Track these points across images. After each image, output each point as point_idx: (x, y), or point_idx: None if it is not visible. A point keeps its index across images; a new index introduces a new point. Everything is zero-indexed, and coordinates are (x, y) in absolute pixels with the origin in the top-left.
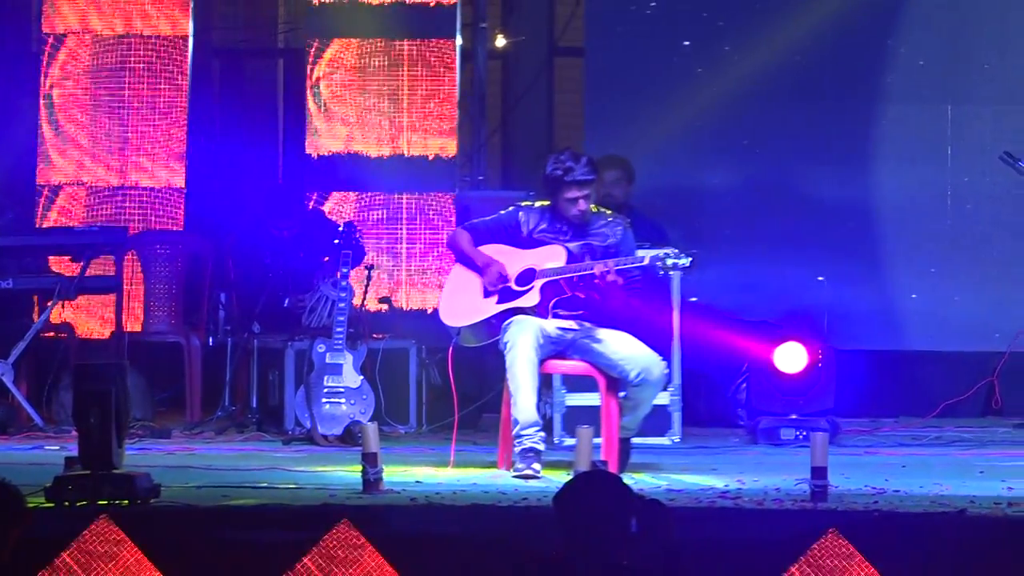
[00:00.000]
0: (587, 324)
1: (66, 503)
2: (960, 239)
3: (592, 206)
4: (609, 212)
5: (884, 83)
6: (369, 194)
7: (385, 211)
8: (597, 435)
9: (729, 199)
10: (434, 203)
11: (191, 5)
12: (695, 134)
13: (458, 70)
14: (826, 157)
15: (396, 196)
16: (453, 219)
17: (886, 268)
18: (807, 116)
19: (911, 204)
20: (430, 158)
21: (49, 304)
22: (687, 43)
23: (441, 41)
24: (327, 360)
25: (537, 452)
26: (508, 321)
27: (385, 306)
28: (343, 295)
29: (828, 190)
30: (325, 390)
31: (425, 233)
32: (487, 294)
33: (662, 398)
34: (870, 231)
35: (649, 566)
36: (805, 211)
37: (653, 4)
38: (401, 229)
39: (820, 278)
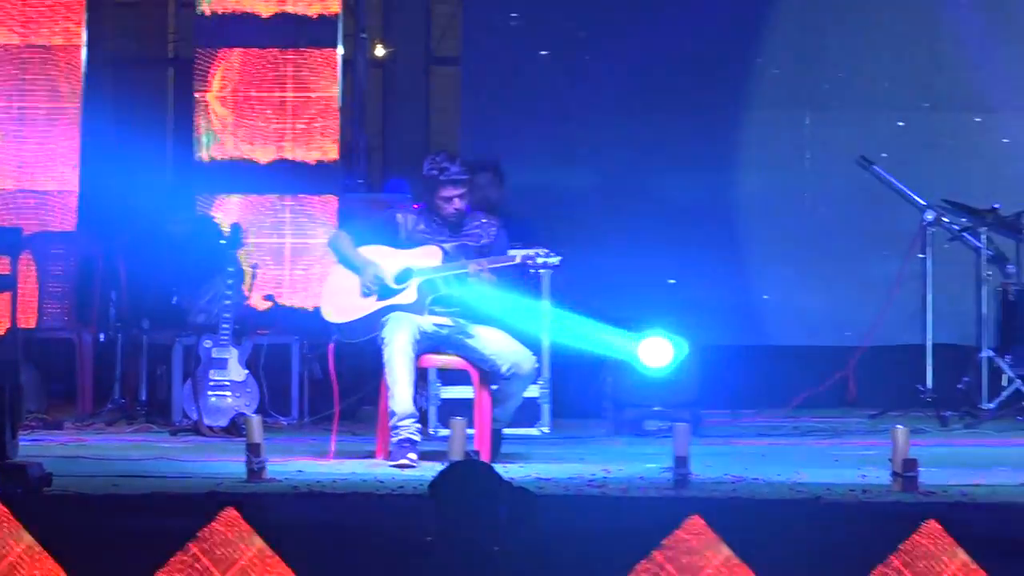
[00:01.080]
0: (461, 320)
1: None
2: (817, 239)
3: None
4: (483, 214)
5: (744, 91)
6: (255, 197)
7: (270, 213)
8: (470, 426)
9: (597, 201)
10: (316, 206)
11: (84, 16)
12: (564, 139)
13: (339, 78)
14: (689, 161)
15: (280, 199)
16: (334, 221)
17: (746, 267)
18: (671, 122)
19: (771, 206)
20: (312, 163)
21: None
22: (544, 52)
23: (323, 50)
24: (213, 355)
25: (413, 442)
26: (386, 318)
27: (269, 304)
28: (229, 293)
29: (691, 193)
30: (211, 383)
31: (308, 234)
32: (366, 293)
33: (532, 391)
34: (731, 232)
35: (518, 552)
36: (668, 213)
37: (515, 16)
38: (285, 230)
39: (671, 280)
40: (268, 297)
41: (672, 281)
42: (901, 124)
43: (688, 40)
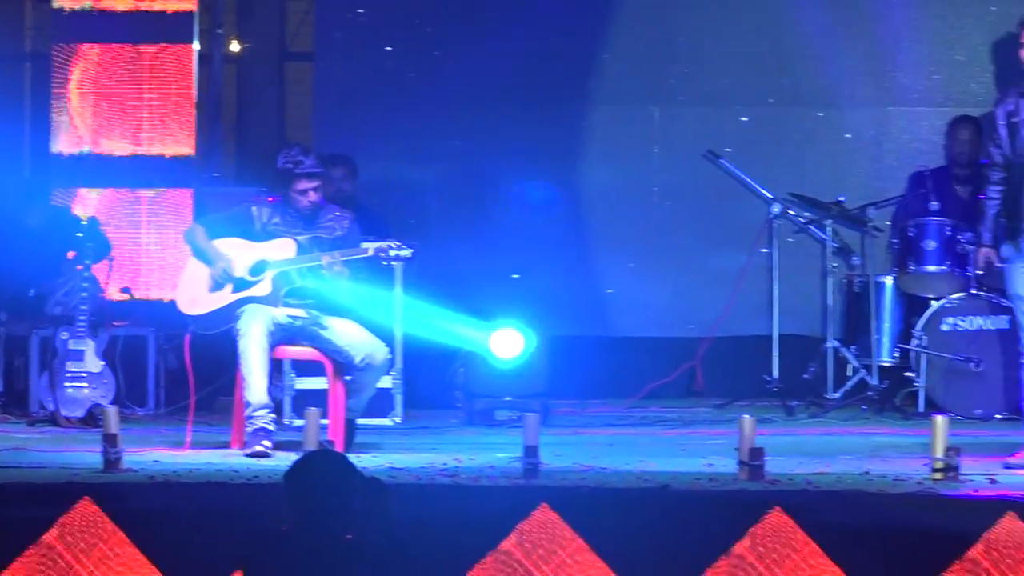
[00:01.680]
0: (315, 312)
1: None
2: (665, 232)
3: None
4: (336, 207)
5: (593, 85)
6: (111, 190)
7: (127, 206)
8: (325, 416)
9: (448, 194)
10: (172, 199)
11: None
12: (415, 133)
13: (195, 73)
14: (539, 156)
15: (137, 192)
16: (190, 214)
17: (595, 259)
18: (521, 117)
19: (619, 200)
20: (168, 156)
21: None
22: (389, 48)
23: (180, 46)
24: (70, 347)
25: (268, 432)
26: (241, 309)
27: (126, 296)
28: (85, 285)
29: (535, 189)
30: (68, 375)
31: (164, 227)
32: (220, 285)
33: (385, 381)
34: (580, 224)
35: (371, 540)
36: (519, 207)
37: (362, 11)
38: (141, 223)
39: (515, 275)
40: (125, 290)
41: (516, 276)
42: (744, 119)
43: (536, 35)
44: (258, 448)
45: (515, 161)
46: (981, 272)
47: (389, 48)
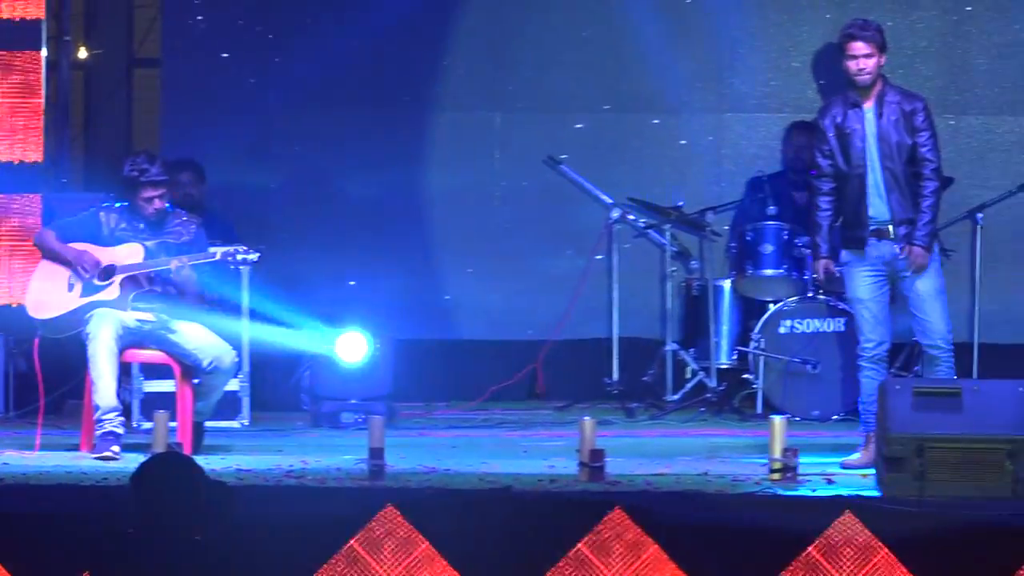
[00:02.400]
0: (164, 316)
1: None
2: (506, 237)
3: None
4: (184, 212)
5: (433, 91)
6: None
7: None
8: (173, 419)
9: (293, 199)
10: (21, 204)
11: None
12: (260, 139)
13: (43, 80)
14: (380, 161)
15: None
16: (39, 220)
17: (438, 263)
18: (362, 122)
19: (461, 205)
20: (16, 162)
21: None
22: (226, 55)
23: (28, 53)
24: None
25: (117, 435)
26: (90, 314)
27: None
28: None
29: (383, 192)
30: None
31: (13, 233)
32: (70, 288)
33: (233, 384)
34: (422, 229)
35: (217, 542)
36: (363, 211)
37: (201, 18)
38: None
39: (351, 282)
40: None
41: (352, 283)
42: (580, 126)
43: (377, 40)
44: (107, 453)
45: (356, 166)
46: (819, 279)
47: (226, 55)
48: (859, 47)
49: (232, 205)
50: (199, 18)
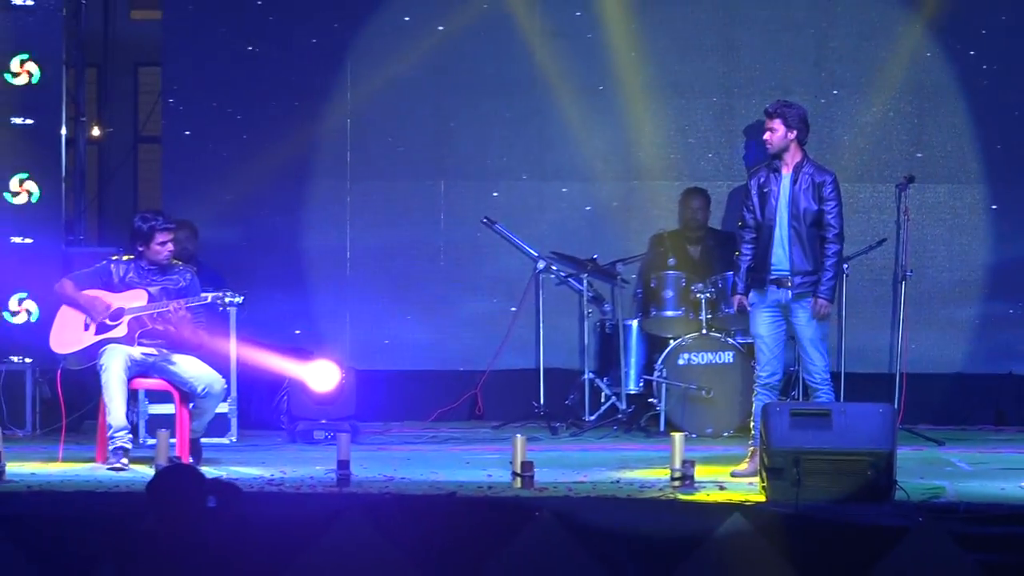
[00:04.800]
0: (164, 350)
1: None
2: (451, 284)
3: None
4: (180, 263)
5: (388, 164)
6: None
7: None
8: (173, 436)
9: (269, 253)
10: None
11: None
12: (241, 204)
13: (63, 153)
14: (343, 222)
15: None
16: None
17: (393, 306)
18: (327, 189)
19: (411, 258)
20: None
21: None
22: (189, 132)
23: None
24: None
25: (126, 450)
26: (103, 348)
27: None
28: None
29: (348, 247)
30: None
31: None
32: (86, 327)
33: (223, 407)
34: (381, 277)
35: (224, 538)
36: (329, 263)
37: (193, 105)
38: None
39: (297, 331)
40: None
41: (297, 332)
42: (496, 194)
43: (335, 122)
44: (118, 464)
45: (323, 225)
46: (733, 312)
47: (188, 132)
48: (767, 122)
49: (220, 257)
50: (192, 105)
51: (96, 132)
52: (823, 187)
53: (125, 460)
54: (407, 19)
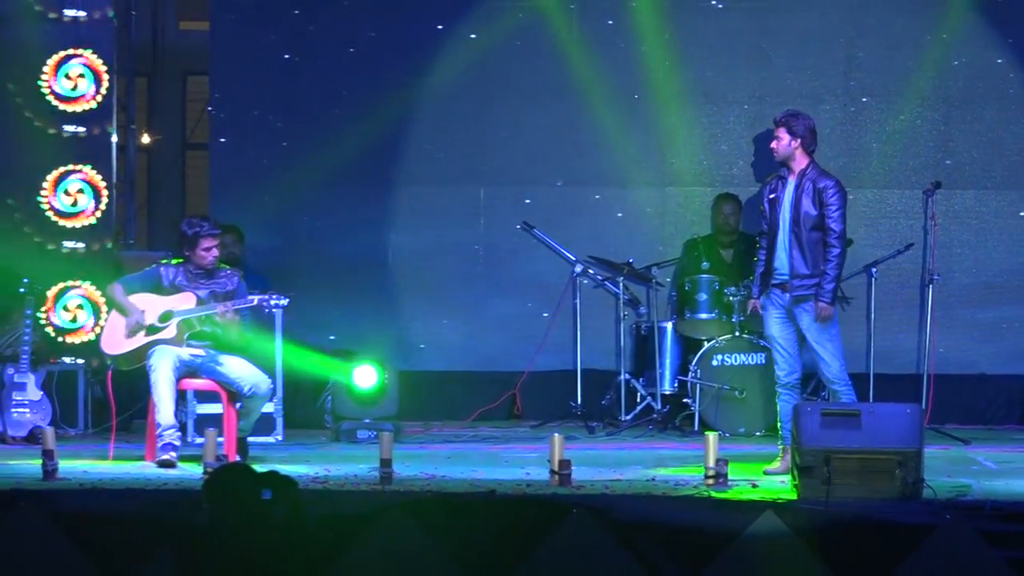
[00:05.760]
0: (212, 351)
1: None
2: (489, 287)
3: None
4: (227, 266)
5: (424, 171)
6: None
7: None
8: (221, 435)
9: (314, 257)
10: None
11: None
12: (287, 210)
13: (114, 160)
14: (386, 227)
15: None
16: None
17: (435, 309)
18: (371, 195)
19: (450, 262)
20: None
21: None
22: (232, 140)
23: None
24: (15, 379)
25: (175, 447)
26: (152, 349)
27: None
28: (27, 331)
29: (390, 251)
30: (14, 402)
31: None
32: (135, 331)
33: (268, 407)
34: (423, 282)
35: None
36: (372, 267)
37: (257, 112)
38: None
39: (332, 337)
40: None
41: (332, 337)
42: (528, 201)
43: (378, 128)
44: (166, 457)
45: (366, 230)
46: (744, 318)
47: (233, 140)
48: (774, 131)
49: (266, 261)
50: (236, 112)
51: (146, 139)
52: (824, 192)
53: (173, 454)
54: (440, 27)
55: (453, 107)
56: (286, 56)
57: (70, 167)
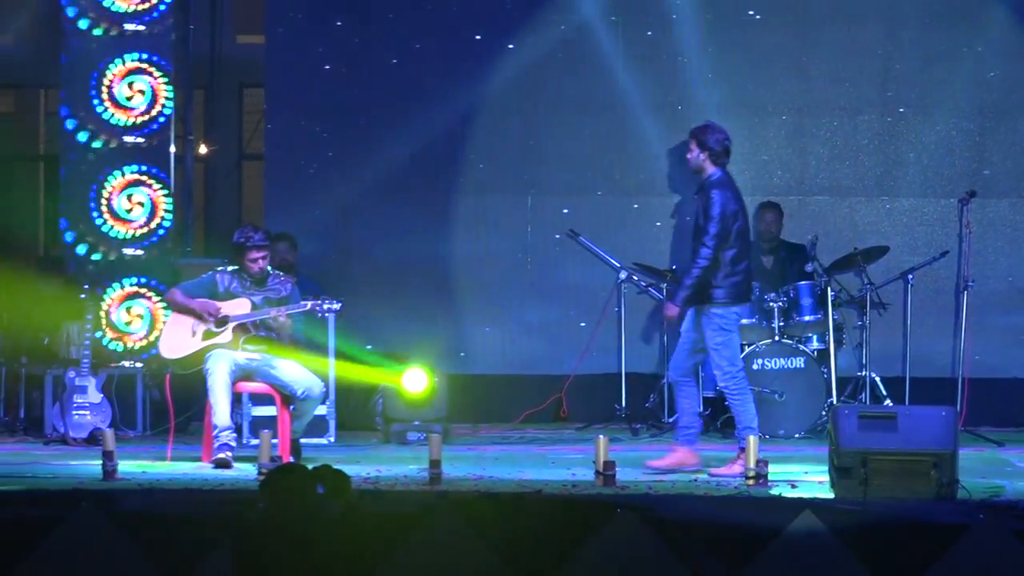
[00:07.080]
0: (267, 354)
1: None
2: (536, 292)
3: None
4: (281, 273)
5: (476, 180)
6: None
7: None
8: (275, 437)
9: (365, 264)
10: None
11: None
12: (340, 218)
13: (172, 170)
14: (436, 235)
15: None
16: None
17: (483, 314)
18: (421, 205)
19: (500, 269)
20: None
21: None
22: (285, 151)
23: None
24: (76, 383)
25: (231, 448)
26: (209, 353)
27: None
28: (88, 336)
29: (438, 259)
30: (75, 405)
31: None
32: (194, 334)
33: (321, 409)
34: (472, 287)
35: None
36: (422, 273)
37: (304, 123)
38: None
39: (368, 347)
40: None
41: (368, 347)
42: (566, 211)
43: (428, 141)
44: (221, 456)
45: (416, 239)
46: (784, 324)
47: (286, 150)
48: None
49: (319, 267)
50: (289, 124)
51: (203, 150)
52: (705, 198)
53: (229, 454)
54: (478, 37)
55: (498, 117)
56: (327, 67)
57: (131, 177)
